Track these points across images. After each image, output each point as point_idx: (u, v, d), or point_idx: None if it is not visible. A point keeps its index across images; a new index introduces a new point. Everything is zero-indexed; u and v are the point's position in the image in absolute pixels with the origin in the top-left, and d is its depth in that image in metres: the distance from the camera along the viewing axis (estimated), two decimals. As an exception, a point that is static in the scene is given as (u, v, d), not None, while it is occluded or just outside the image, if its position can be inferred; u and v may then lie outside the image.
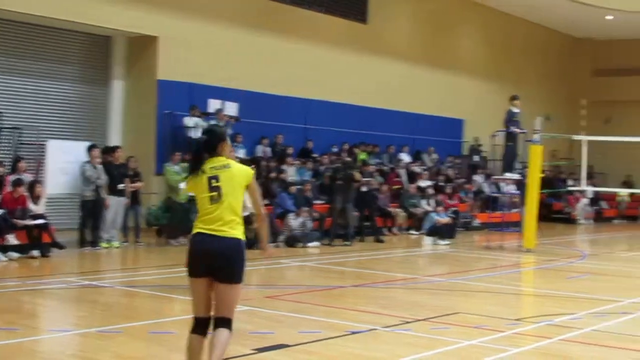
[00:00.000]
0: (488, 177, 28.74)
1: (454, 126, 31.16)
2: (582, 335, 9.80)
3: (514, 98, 20.80)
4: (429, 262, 18.86)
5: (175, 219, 18.23)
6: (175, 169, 18.46)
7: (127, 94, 21.84)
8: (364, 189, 21.77)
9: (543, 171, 22.68)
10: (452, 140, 30.83)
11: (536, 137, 20.56)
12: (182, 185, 18.20)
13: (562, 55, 38.12)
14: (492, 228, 22.42)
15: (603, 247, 23.98)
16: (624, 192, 34.49)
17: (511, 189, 23.97)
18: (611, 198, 35.53)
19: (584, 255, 20.41)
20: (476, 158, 30.66)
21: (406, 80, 28.85)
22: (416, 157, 28.28)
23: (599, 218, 33.82)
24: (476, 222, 26.17)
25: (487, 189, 28.23)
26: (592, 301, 12.42)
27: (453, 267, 17.22)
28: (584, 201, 33.10)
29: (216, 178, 6.45)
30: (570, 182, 32.27)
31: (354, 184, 20.59)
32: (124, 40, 21.76)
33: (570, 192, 31.81)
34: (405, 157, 27.26)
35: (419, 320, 10.29)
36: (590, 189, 30.55)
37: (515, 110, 20.61)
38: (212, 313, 6.49)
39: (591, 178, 33.17)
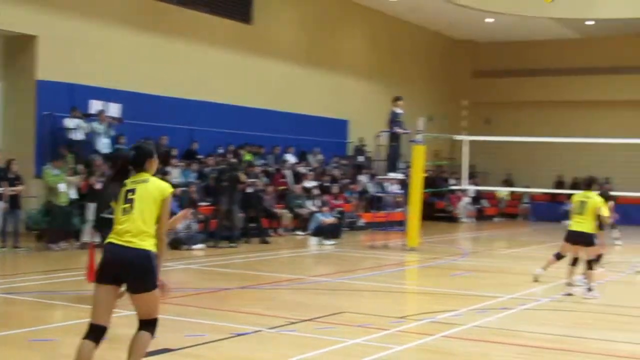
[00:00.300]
0: (373, 177, 29.05)
1: (339, 127, 31.37)
2: (463, 331, 9.99)
3: (397, 99, 21.06)
4: (314, 262, 18.93)
5: (55, 222, 17.79)
6: (55, 172, 17.97)
7: (4, 94, 21.17)
8: (249, 190, 21.71)
9: (426, 171, 23.07)
10: (337, 141, 31.04)
11: (419, 137, 20.90)
12: (62, 186, 17.78)
13: (444, 57, 38.85)
14: (377, 227, 22.66)
15: (484, 245, 24.55)
16: (504, 190, 35.43)
17: (395, 188, 24.25)
18: (492, 196, 36.44)
19: (465, 253, 20.84)
20: (361, 158, 30.95)
21: (291, 81, 28.91)
22: (301, 157, 28.34)
23: (481, 216, 34.64)
24: (361, 221, 26.40)
25: (371, 189, 28.52)
26: (473, 298, 12.67)
27: (338, 267, 17.31)
28: (466, 200, 33.86)
29: (133, 191, 6.62)
30: (452, 182, 32.89)
31: (239, 186, 20.51)
32: (0, 39, 21.11)
33: (453, 191, 32.46)
34: (290, 158, 27.31)
35: (305, 320, 10.29)
36: (471, 188, 31.28)
37: (399, 111, 20.87)
38: (108, 324, 6.52)
39: (473, 177, 33.91)
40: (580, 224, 13.07)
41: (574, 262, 13.36)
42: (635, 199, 32.79)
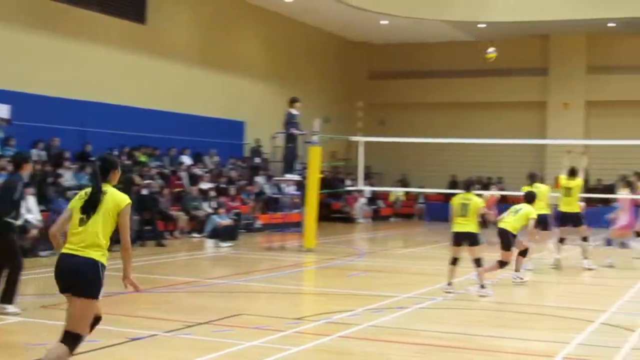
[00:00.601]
0: (269, 178, 29.02)
1: (235, 128, 31.26)
2: (360, 331, 10.06)
3: (293, 100, 21.06)
4: (211, 264, 18.80)
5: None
6: None
7: None
8: (144, 192, 21.42)
9: (322, 172, 23.18)
10: (233, 142, 30.91)
11: (315, 138, 20.99)
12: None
13: (340, 58, 39.11)
14: (274, 229, 22.66)
15: (380, 245, 24.79)
16: (399, 191, 35.87)
17: (292, 189, 24.29)
18: (387, 197, 36.85)
19: (362, 253, 21.01)
20: (257, 160, 30.90)
21: (186, 82, 28.67)
22: (197, 159, 28.12)
23: (377, 216, 34.99)
24: (258, 223, 26.34)
25: (268, 190, 28.50)
26: (370, 297, 12.77)
27: (235, 269, 17.24)
28: (362, 200, 34.16)
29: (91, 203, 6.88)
30: (348, 182, 33.15)
31: (133, 188, 20.21)
32: None
33: (349, 192, 32.69)
34: (186, 160, 27.08)
35: (201, 323, 10.21)
36: (367, 189, 31.57)
37: (295, 112, 20.89)
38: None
39: (368, 178, 34.22)
40: (464, 225, 13.45)
41: (454, 261, 13.62)
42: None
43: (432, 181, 35.06)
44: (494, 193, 24.96)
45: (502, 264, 14.13)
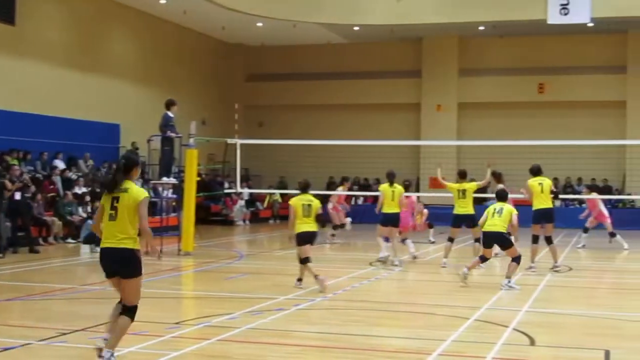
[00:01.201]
0: (146, 182, 28.62)
1: (111, 131, 30.72)
2: (240, 333, 10.07)
3: (170, 103, 20.82)
4: (87, 270, 18.39)
5: None
6: None
7: None
8: (16, 197, 20.84)
9: (200, 175, 23.06)
10: (108, 146, 30.35)
11: (192, 141, 20.87)
12: None
13: (217, 60, 38.95)
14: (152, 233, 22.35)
15: (259, 247, 24.84)
16: (276, 193, 35.96)
17: (169, 193, 24.06)
18: (264, 199, 36.87)
19: (241, 256, 20.99)
20: (134, 163, 30.41)
21: (59, 84, 28.04)
22: (71, 163, 27.52)
23: (256, 219, 35.00)
24: (135, 227, 25.93)
25: (145, 193, 28.10)
26: (249, 300, 12.79)
27: (112, 274, 16.94)
28: (241, 203, 34.11)
29: (117, 199, 8.25)
30: (226, 185, 33.07)
31: (5, 193, 19.65)
32: None
33: (227, 195, 32.61)
34: (59, 164, 26.48)
35: (76, 330, 10.04)
36: (245, 191, 31.56)
37: (172, 114, 20.69)
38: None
39: (247, 180, 34.26)
40: (308, 224, 14.23)
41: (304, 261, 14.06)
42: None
43: (311, 182, 35.24)
44: (340, 193, 25.68)
45: (484, 259, 15.25)
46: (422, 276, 17.19)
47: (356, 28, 35.39)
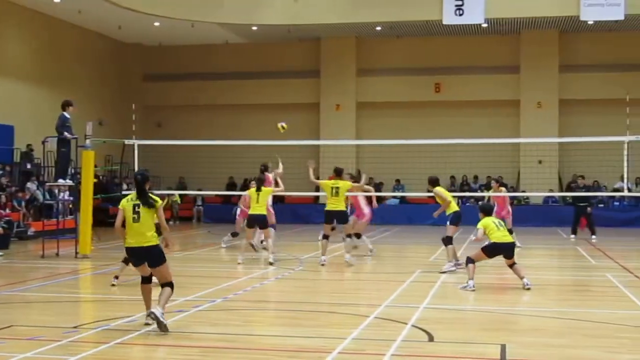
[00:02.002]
0: (42, 184, 28.08)
1: (4, 133, 29.96)
2: (139, 336, 9.98)
3: (67, 104, 20.51)
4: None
5: None
6: None
7: None
8: None
9: (97, 176, 22.72)
10: (2, 148, 29.63)
11: (88, 142, 20.56)
12: None
13: (114, 60, 38.41)
14: (48, 236, 21.95)
15: (159, 249, 24.50)
16: (176, 194, 35.66)
17: (66, 195, 23.64)
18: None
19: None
20: (29, 165, 29.81)
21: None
22: (-37, 165, 26.83)
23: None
24: (31, 230, 25.48)
25: (41, 196, 27.57)
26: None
27: (7, 279, 16.53)
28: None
29: (138, 205, 10.66)
30: (125, 186, 32.63)
31: None
32: None
33: (126, 196, 32.13)
34: (-49, 167, 25.78)
35: (-30, 337, 9.78)
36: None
37: (68, 115, 20.36)
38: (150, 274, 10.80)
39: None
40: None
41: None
42: (302, 198, 34.50)
43: (211, 183, 35.15)
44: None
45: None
46: (322, 275, 17.30)
47: (254, 28, 35.38)
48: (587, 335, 10.31)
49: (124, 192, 30.47)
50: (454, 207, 17.32)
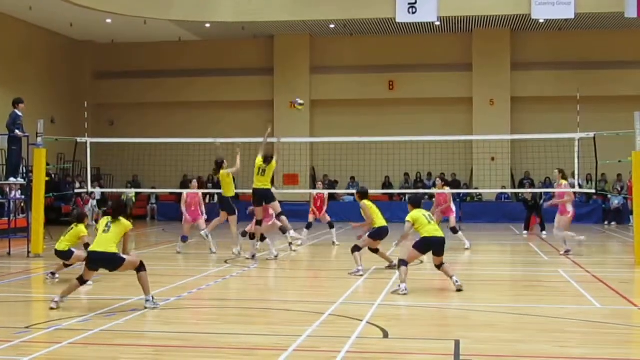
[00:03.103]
0: (-7, 183, 27.74)
1: (-48, 131, 29.54)
2: (92, 336, 9.90)
3: (18, 101, 20.28)
4: None
5: None
6: None
7: None
8: None
9: (49, 175, 22.49)
10: (-51, 147, 29.22)
11: (40, 140, 20.35)
12: None
13: (64, 57, 38.02)
14: (0, 235, 21.72)
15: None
16: (130, 192, 35.43)
17: (17, 194, 23.37)
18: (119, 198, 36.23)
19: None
20: (-21, 164, 29.43)
21: None
22: None
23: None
24: (-19, 230, 25.16)
25: (-9, 195, 27.25)
26: (101, 302, 12.59)
27: (-43, 280, 16.35)
28: (93, 202, 33.44)
29: (112, 221, 12.03)
30: (77, 185, 32.35)
31: None
32: None
33: (78, 195, 31.91)
34: None
35: None
36: (97, 190, 30.96)
37: (20, 113, 20.13)
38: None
39: (98, 180, 33.61)
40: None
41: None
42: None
43: (165, 181, 34.95)
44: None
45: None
46: (277, 273, 17.30)
47: (207, 25, 35.27)
48: (539, 330, 10.43)
49: (76, 191, 30.33)
50: (380, 223, 16.45)
